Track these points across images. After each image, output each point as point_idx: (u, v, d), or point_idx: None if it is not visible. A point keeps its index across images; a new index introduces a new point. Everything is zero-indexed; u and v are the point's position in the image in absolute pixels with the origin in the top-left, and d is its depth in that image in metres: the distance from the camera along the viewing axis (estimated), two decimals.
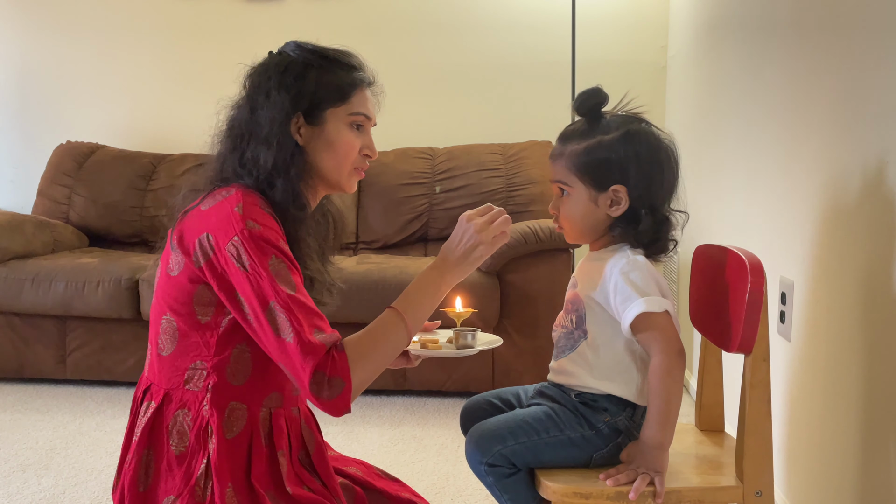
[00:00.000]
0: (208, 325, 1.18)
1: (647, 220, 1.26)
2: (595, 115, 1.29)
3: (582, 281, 1.32)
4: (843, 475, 1.42)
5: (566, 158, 1.28)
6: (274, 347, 1.11)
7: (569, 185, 1.29)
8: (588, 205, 1.28)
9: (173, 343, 1.20)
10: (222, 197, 1.19)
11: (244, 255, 1.12)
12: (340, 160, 1.26)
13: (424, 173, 3.38)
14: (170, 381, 1.20)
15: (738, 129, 2.16)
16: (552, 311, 2.82)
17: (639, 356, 1.27)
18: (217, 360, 1.18)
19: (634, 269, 1.24)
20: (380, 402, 2.79)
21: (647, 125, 1.29)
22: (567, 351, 1.31)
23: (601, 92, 1.28)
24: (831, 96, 1.50)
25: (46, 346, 2.98)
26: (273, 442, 1.22)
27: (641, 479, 1.19)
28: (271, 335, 1.11)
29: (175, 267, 1.19)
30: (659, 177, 1.27)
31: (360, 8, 3.67)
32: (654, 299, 1.21)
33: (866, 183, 1.34)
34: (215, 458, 1.16)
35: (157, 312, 1.22)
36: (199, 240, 1.16)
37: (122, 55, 3.84)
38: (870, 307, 1.32)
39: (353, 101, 1.26)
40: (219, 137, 1.29)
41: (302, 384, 1.10)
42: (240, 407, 1.20)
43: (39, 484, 2.11)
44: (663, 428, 1.21)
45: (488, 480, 1.26)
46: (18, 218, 3.28)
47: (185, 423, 1.18)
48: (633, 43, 3.51)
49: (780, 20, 1.82)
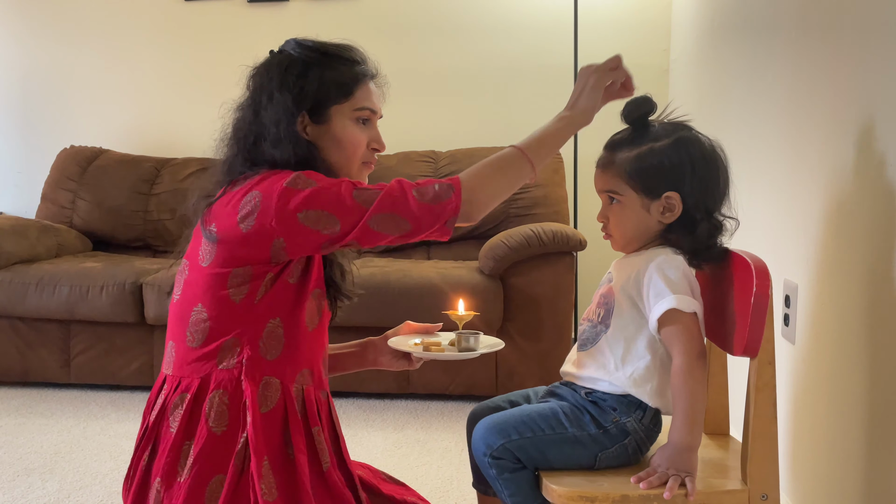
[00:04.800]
0: (243, 304, 1.19)
1: (704, 225, 1.27)
2: (643, 122, 1.30)
3: (618, 275, 1.32)
4: (849, 478, 1.42)
5: (617, 166, 1.29)
6: (366, 213, 1.15)
7: (619, 194, 1.30)
8: (640, 212, 1.29)
9: (205, 332, 1.20)
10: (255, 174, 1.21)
11: (310, 177, 1.17)
12: (349, 156, 1.27)
13: (427, 177, 3.37)
14: (202, 368, 1.20)
15: (741, 132, 2.16)
16: (555, 314, 2.83)
17: (659, 357, 1.27)
18: (250, 335, 1.19)
19: (671, 266, 1.25)
20: (383, 406, 2.79)
21: (695, 132, 1.30)
22: (589, 344, 1.32)
23: (650, 100, 1.30)
24: (835, 98, 1.49)
25: (50, 351, 2.98)
26: (308, 417, 1.23)
27: (674, 480, 1.19)
28: (360, 209, 1.15)
29: (206, 257, 1.20)
30: (714, 182, 1.28)
31: (362, 11, 3.68)
32: (684, 298, 1.22)
33: (870, 185, 1.34)
34: (251, 431, 1.16)
35: (186, 306, 1.22)
36: (244, 202, 1.17)
37: (125, 59, 3.85)
38: (874, 309, 1.32)
39: (357, 96, 1.27)
40: (224, 141, 1.29)
41: (402, 201, 1.15)
42: (273, 381, 1.20)
43: (44, 488, 2.11)
44: (690, 429, 1.21)
45: (491, 473, 1.26)
46: (22, 222, 3.28)
47: (223, 403, 1.18)
48: (636, 46, 3.51)
49: (782, 22, 1.82)
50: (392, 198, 1.15)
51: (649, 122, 1.31)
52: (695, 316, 1.23)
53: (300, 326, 1.23)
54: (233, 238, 1.17)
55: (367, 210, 1.14)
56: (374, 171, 1.35)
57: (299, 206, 1.14)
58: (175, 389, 1.22)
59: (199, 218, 1.23)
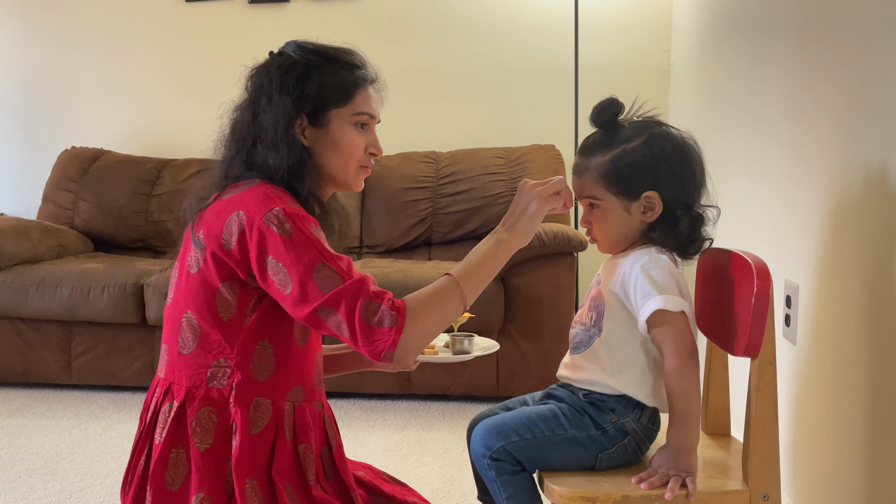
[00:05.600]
0: (231, 323, 1.18)
1: (685, 220, 1.27)
2: (613, 124, 1.29)
3: (605, 278, 1.33)
4: (850, 478, 1.42)
5: (592, 172, 1.29)
6: (317, 300, 1.11)
7: (599, 199, 1.29)
8: (622, 215, 1.29)
9: (195, 340, 1.20)
10: (249, 185, 1.20)
11: (287, 222, 1.14)
12: (346, 160, 1.27)
13: (428, 177, 3.38)
14: (191, 378, 1.20)
15: (742, 133, 2.16)
16: (556, 314, 2.83)
17: (652, 357, 1.27)
18: (241, 358, 1.18)
19: (656, 266, 1.24)
20: (384, 406, 2.79)
21: (666, 127, 1.30)
22: (582, 347, 1.32)
23: (616, 102, 1.29)
24: (836, 99, 1.49)
25: (52, 352, 2.99)
26: (296, 436, 1.22)
27: (674, 480, 1.19)
28: (316, 291, 1.10)
29: (194, 264, 1.19)
30: (690, 175, 1.28)
31: (363, 11, 3.68)
32: (671, 298, 1.21)
33: (871, 185, 1.34)
34: (237, 454, 1.16)
35: (177, 311, 1.22)
36: (229, 220, 1.16)
37: (126, 60, 3.86)
38: (875, 310, 1.32)
39: (357, 101, 1.26)
40: (222, 141, 1.29)
41: (351, 310, 1.09)
42: (264, 402, 1.20)
43: (45, 489, 2.11)
44: (688, 429, 1.21)
45: (489, 474, 1.26)
46: (24, 223, 3.29)
47: (209, 421, 1.18)
48: (636, 46, 3.51)
49: (783, 22, 1.82)
50: (346, 296, 1.11)
51: (619, 122, 1.29)
52: (683, 315, 1.23)
53: (290, 346, 1.22)
54: (217, 249, 1.17)
55: (320, 297, 1.11)
56: (375, 171, 1.35)
57: (269, 252, 1.13)
58: (165, 395, 1.22)
59: (191, 223, 1.23)
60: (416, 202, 3.34)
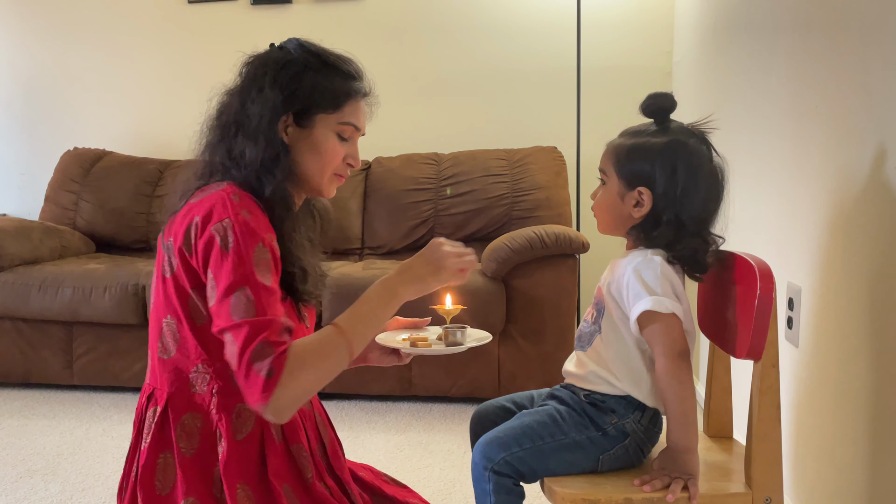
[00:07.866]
0: (205, 329, 1.17)
1: (668, 228, 1.26)
2: (662, 118, 1.30)
3: (607, 277, 1.34)
4: (853, 481, 1.41)
5: (612, 150, 1.32)
6: (224, 322, 1.08)
7: (607, 175, 1.33)
8: (615, 198, 1.31)
9: (175, 345, 1.19)
10: (215, 189, 1.19)
11: (231, 236, 1.11)
12: (323, 165, 1.26)
13: (430, 179, 3.38)
14: (173, 384, 1.19)
15: (744, 135, 2.16)
16: (558, 316, 2.83)
17: (648, 357, 1.28)
18: (219, 364, 1.17)
19: (648, 268, 1.24)
20: (385, 408, 2.79)
21: (699, 144, 1.29)
22: (586, 345, 1.33)
23: (670, 97, 1.30)
24: (839, 100, 1.49)
25: (53, 352, 2.99)
26: (286, 437, 1.22)
27: (676, 483, 1.19)
28: (227, 314, 1.08)
29: (167, 269, 1.19)
30: (695, 193, 1.26)
31: (365, 13, 3.69)
32: (661, 299, 1.22)
33: (875, 188, 1.34)
34: (224, 460, 1.16)
35: (157, 316, 1.22)
36: (188, 227, 1.15)
37: (128, 61, 3.86)
38: (878, 312, 1.32)
39: (345, 111, 1.26)
40: (208, 124, 1.29)
41: (245, 346, 1.05)
42: (247, 408, 1.19)
43: (47, 489, 2.11)
44: (685, 431, 1.21)
45: (486, 487, 1.26)
46: (26, 224, 3.29)
47: (193, 426, 1.18)
48: (639, 48, 3.51)
49: (785, 24, 1.82)
50: (248, 329, 1.08)
51: (670, 119, 1.30)
52: (674, 316, 1.23)
53: None
54: (183, 255, 1.17)
55: (227, 321, 1.09)
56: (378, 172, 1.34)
57: (210, 262, 1.12)
58: (149, 400, 1.22)
59: (162, 228, 1.23)
60: (417, 203, 3.33)
